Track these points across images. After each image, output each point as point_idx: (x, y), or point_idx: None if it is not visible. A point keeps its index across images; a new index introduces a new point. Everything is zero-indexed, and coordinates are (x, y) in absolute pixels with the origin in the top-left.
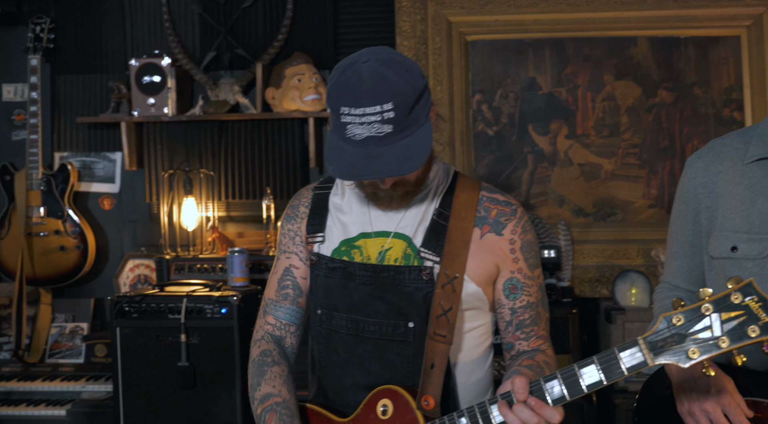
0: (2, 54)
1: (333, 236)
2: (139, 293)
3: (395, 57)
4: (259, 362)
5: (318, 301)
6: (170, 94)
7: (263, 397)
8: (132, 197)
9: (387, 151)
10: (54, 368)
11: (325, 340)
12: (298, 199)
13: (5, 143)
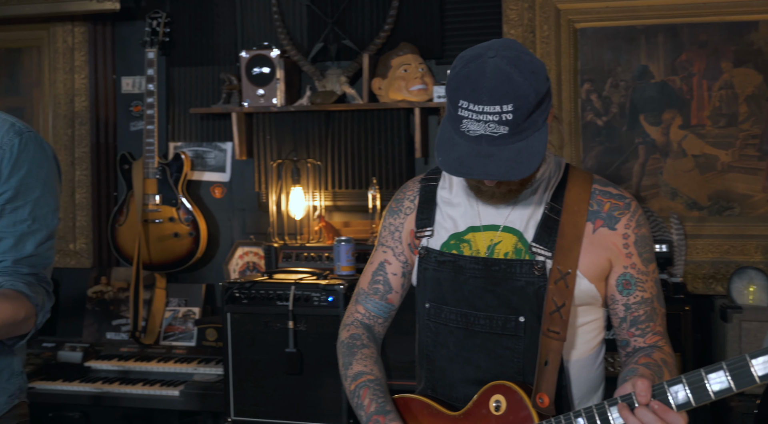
0: (121, 48)
1: (442, 229)
2: (248, 279)
3: (523, 56)
4: (349, 344)
5: (426, 294)
6: (279, 85)
7: (356, 374)
8: (242, 186)
9: (499, 152)
10: (168, 350)
11: (434, 333)
12: (404, 192)
13: (124, 133)
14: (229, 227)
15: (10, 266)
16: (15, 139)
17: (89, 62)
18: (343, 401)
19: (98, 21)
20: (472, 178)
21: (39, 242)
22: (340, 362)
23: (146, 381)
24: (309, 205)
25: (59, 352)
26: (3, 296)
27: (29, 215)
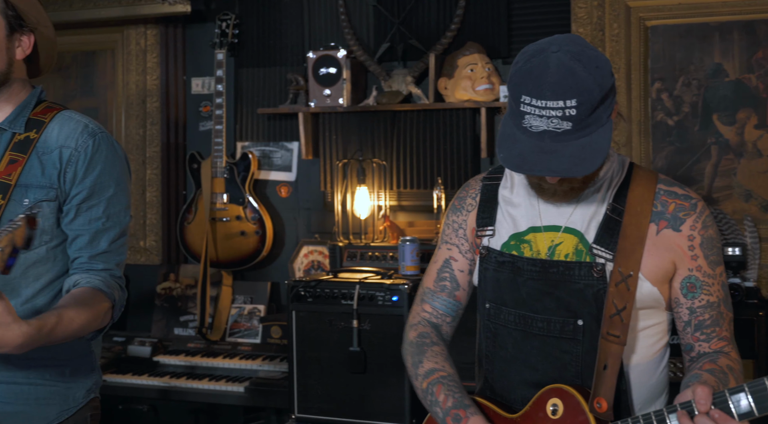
0: (192, 49)
1: (502, 229)
2: (314, 278)
3: (587, 50)
4: (418, 342)
5: (486, 295)
6: (345, 86)
7: (427, 372)
8: (307, 185)
9: (562, 148)
10: (233, 346)
11: (493, 334)
12: (466, 190)
13: (193, 133)
14: (294, 226)
15: (85, 262)
16: (89, 141)
17: (161, 64)
18: (406, 400)
19: (170, 23)
20: (534, 175)
21: (112, 238)
22: (408, 362)
23: (212, 376)
24: (374, 205)
25: (129, 346)
26: (85, 294)
27: (103, 213)
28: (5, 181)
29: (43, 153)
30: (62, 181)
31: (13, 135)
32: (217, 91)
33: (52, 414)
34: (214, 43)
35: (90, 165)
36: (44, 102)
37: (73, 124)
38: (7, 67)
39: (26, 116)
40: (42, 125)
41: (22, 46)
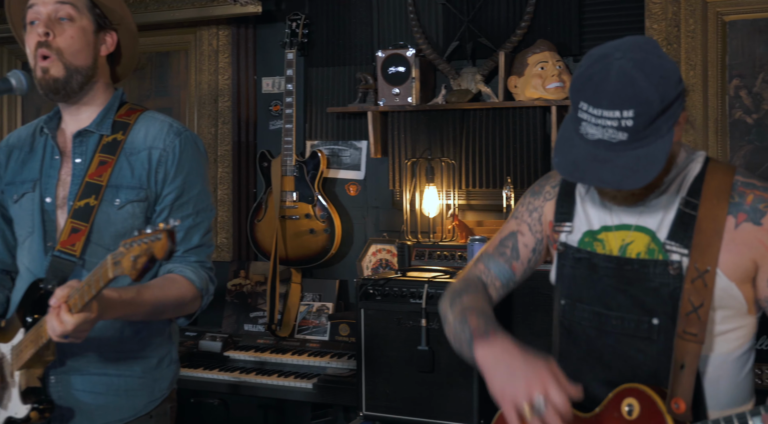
0: (262, 49)
1: (579, 226)
2: (382, 276)
3: (652, 58)
4: (461, 287)
5: (563, 291)
6: (414, 84)
7: (464, 306)
8: (376, 184)
9: (615, 158)
10: (302, 343)
11: (567, 330)
12: (547, 179)
13: (264, 132)
14: (362, 225)
15: (180, 256)
16: (176, 141)
17: (232, 64)
18: (475, 401)
19: (241, 24)
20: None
21: (203, 232)
22: (444, 304)
23: (281, 373)
24: (442, 204)
25: (201, 341)
26: (171, 280)
27: (193, 210)
28: (97, 182)
29: (131, 154)
30: (153, 182)
31: (101, 137)
32: (287, 91)
33: (140, 405)
34: (284, 43)
35: (179, 165)
36: (126, 104)
37: (158, 124)
38: (92, 62)
39: (111, 118)
40: (127, 127)
41: (107, 43)
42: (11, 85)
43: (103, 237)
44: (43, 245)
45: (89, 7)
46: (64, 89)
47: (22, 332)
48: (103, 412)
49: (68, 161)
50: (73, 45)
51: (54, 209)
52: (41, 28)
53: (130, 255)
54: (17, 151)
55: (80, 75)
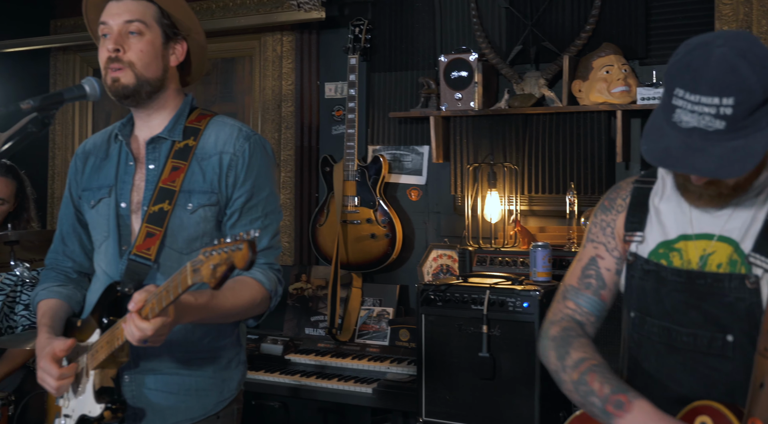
0: (325, 55)
1: (651, 236)
2: (443, 282)
3: (755, 48)
4: (562, 336)
5: (632, 303)
6: (477, 89)
7: (576, 362)
8: (437, 189)
9: (710, 147)
10: (362, 347)
11: (637, 344)
12: (617, 191)
13: (326, 137)
14: (424, 230)
15: None
16: (245, 145)
17: (296, 69)
18: (536, 408)
19: (305, 30)
20: (680, 174)
21: (272, 235)
22: (551, 357)
23: (341, 377)
24: (504, 210)
25: (262, 344)
26: (242, 282)
27: (262, 212)
28: (170, 187)
29: (202, 159)
30: (223, 186)
31: (173, 143)
32: (349, 96)
33: (210, 405)
34: (347, 48)
35: (249, 169)
36: (196, 109)
37: (228, 129)
38: (162, 73)
39: (182, 124)
40: (198, 132)
41: (176, 53)
42: (85, 91)
43: (176, 241)
44: (119, 248)
45: (158, 18)
46: (133, 96)
47: (97, 333)
48: (174, 412)
49: (142, 167)
50: (143, 58)
51: (129, 214)
52: (111, 44)
53: (210, 263)
54: (93, 157)
55: (150, 85)
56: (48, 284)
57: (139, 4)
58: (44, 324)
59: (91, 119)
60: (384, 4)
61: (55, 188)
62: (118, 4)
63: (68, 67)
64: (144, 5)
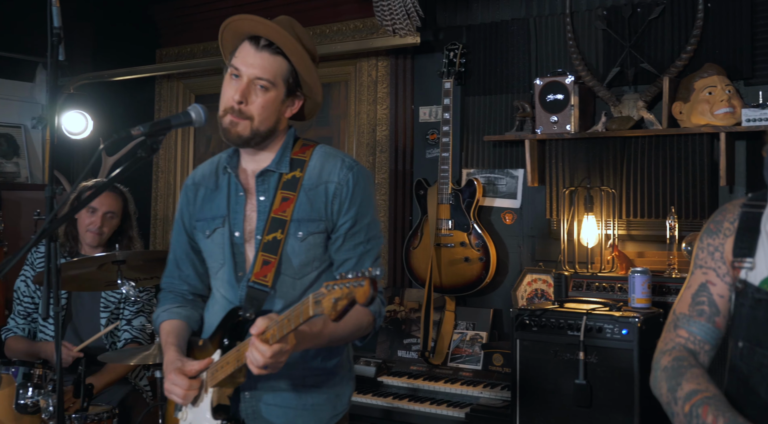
0: (420, 79)
1: (763, 263)
2: (539, 307)
3: None
4: (674, 366)
5: (740, 332)
6: (573, 112)
7: (689, 394)
8: (532, 213)
9: None
10: (455, 371)
11: (744, 376)
12: (723, 214)
13: (420, 160)
14: (518, 254)
15: None
16: (348, 175)
17: (390, 94)
18: None
19: (400, 55)
20: None
21: (373, 258)
22: (662, 388)
23: (433, 400)
24: (601, 234)
25: (355, 365)
26: None
27: (365, 238)
28: (281, 217)
29: (309, 189)
30: (329, 213)
31: (281, 175)
32: (444, 119)
33: (324, 419)
34: (441, 73)
35: (353, 197)
36: (299, 140)
37: (332, 160)
38: (275, 124)
39: (288, 156)
40: (304, 164)
41: (292, 107)
42: (191, 118)
43: (290, 267)
44: (234, 275)
45: (285, 77)
46: (245, 144)
47: (218, 353)
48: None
49: (252, 198)
50: (263, 113)
51: (242, 243)
52: (238, 95)
53: (332, 297)
54: (203, 188)
55: (260, 136)
56: (168, 306)
57: (274, 60)
58: (171, 343)
59: (192, 143)
60: (478, 29)
61: (158, 210)
62: (255, 54)
63: (172, 93)
64: (278, 62)
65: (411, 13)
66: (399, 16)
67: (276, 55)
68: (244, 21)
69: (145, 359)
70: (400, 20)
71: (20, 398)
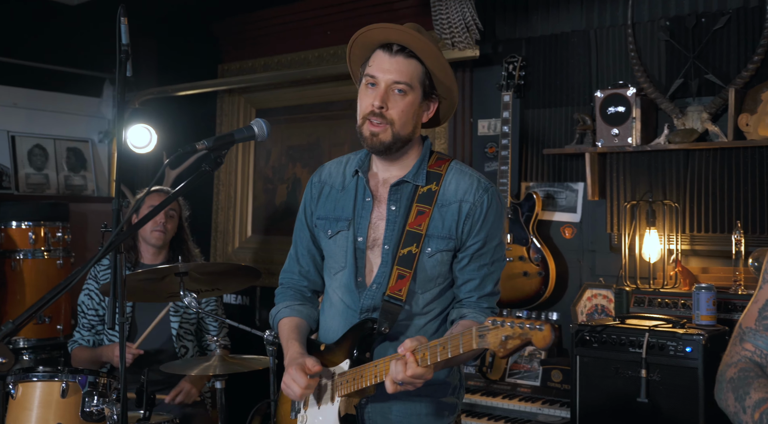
0: (479, 92)
1: None
2: (599, 323)
3: None
4: (740, 376)
5: None
6: (634, 124)
7: (757, 402)
8: (592, 227)
9: None
10: (513, 387)
11: None
12: None
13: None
14: (577, 268)
15: (474, 301)
16: (484, 196)
17: None
18: None
19: (458, 68)
20: None
21: (496, 281)
22: (729, 399)
23: (491, 416)
24: (664, 249)
25: None
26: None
27: (490, 260)
28: (417, 231)
29: (442, 205)
30: (460, 232)
31: (416, 187)
32: (503, 132)
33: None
34: (500, 85)
35: (485, 219)
36: (434, 153)
37: (467, 179)
38: (413, 130)
39: (425, 169)
40: (440, 178)
41: (428, 111)
42: (254, 132)
43: (416, 282)
44: (354, 280)
45: (421, 79)
46: (386, 151)
47: (347, 363)
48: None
49: (380, 206)
50: (403, 117)
51: (364, 249)
52: (378, 101)
53: (500, 334)
54: (327, 186)
55: (401, 141)
56: (289, 303)
57: (409, 63)
58: (294, 339)
59: (253, 156)
60: (538, 41)
61: (219, 222)
62: (390, 60)
63: (233, 108)
64: (413, 65)
65: (470, 26)
66: (458, 29)
67: (410, 59)
68: (375, 30)
69: (206, 370)
70: (459, 33)
71: (86, 406)
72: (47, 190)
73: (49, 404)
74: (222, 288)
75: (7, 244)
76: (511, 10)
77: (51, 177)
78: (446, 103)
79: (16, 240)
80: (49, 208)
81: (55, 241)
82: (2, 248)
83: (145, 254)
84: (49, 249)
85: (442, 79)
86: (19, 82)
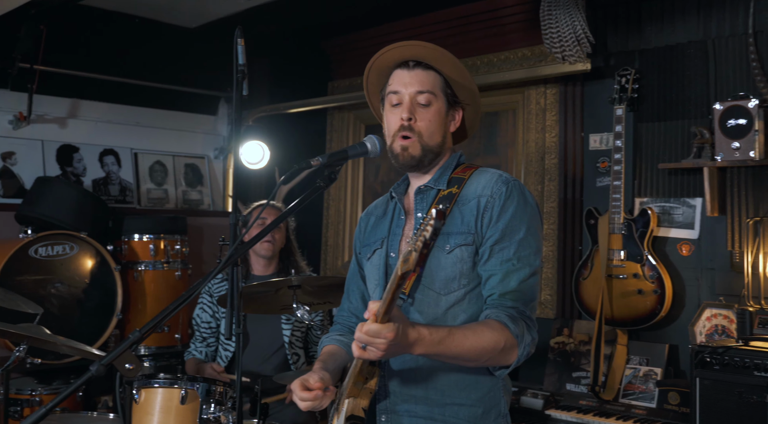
0: (589, 106)
1: None
2: (721, 344)
3: None
4: None
5: None
6: (757, 137)
7: None
8: (712, 244)
9: None
10: (627, 408)
11: None
12: None
13: (590, 189)
14: (696, 287)
15: (496, 299)
16: (502, 188)
17: (559, 121)
18: None
19: (569, 82)
20: None
21: (522, 278)
22: None
23: None
24: None
25: (522, 397)
26: (486, 324)
27: (514, 255)
28: None
29: (463, 204)
30: (479, 226)
31: (438, 191)
32: (615, 147)
33: None
34: (612, 99)
35: (503, 209)
36: (463, 164)
37: (488, 175)
38: (442, 140)
39: (447, 176)
40: (462, 182)
41: (455, 120)
42: (367, 148)
43: (434, 281)
44: None
45: (443, 88)
46: (418, 165)
47: None
48: None
49: (410, 218)
50: (430, 128)
51: (396, 263)
52: (405, 113)
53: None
54: (373, 217)
55: (432, 153)
56: (332, 335)
57: (428, 74)
58: (319, 360)
59: (362, 172)
60: (652, 53)
61: (329, 237)
62: (409, 74)
63: (343, 124)
64: (432, 76)
65: (581, 39)
66: (569, 42)
67: (428, 70)
68: (387, 53)
69: None
70: (570, 47)
71: (203, 413)
72: (166, 204)
73: (169, 410)
74: (333, 302)
75: (130, 256)
76: (623, 21)
77: (170, 192)
78: (470, 110)
79: (138, 252)
80: (168, 221)
81: (174, 253)
82: (126, 259)
83: (255, 266)
84: (169, 261)
85: (463, 84)
86: (141, 101)
